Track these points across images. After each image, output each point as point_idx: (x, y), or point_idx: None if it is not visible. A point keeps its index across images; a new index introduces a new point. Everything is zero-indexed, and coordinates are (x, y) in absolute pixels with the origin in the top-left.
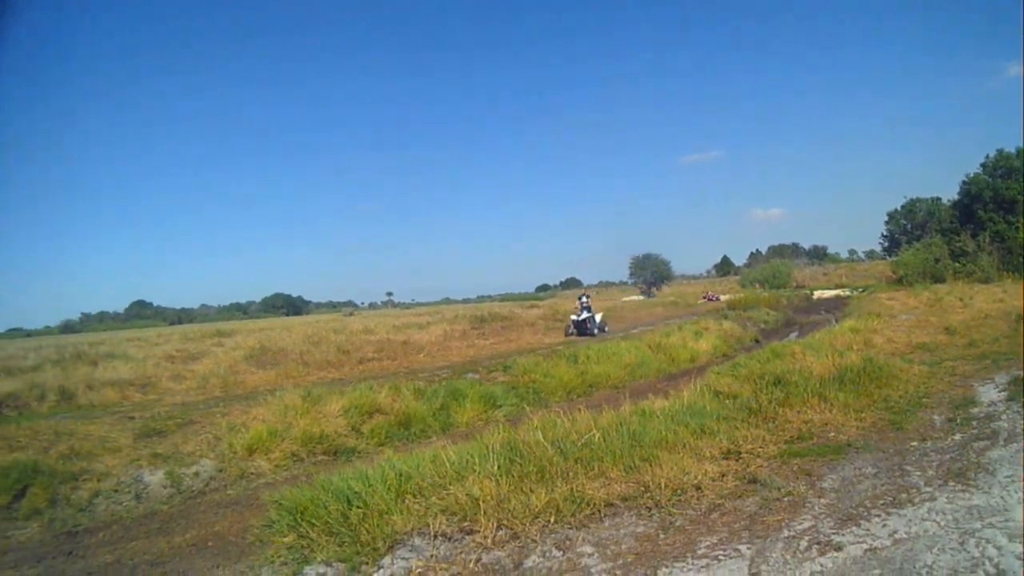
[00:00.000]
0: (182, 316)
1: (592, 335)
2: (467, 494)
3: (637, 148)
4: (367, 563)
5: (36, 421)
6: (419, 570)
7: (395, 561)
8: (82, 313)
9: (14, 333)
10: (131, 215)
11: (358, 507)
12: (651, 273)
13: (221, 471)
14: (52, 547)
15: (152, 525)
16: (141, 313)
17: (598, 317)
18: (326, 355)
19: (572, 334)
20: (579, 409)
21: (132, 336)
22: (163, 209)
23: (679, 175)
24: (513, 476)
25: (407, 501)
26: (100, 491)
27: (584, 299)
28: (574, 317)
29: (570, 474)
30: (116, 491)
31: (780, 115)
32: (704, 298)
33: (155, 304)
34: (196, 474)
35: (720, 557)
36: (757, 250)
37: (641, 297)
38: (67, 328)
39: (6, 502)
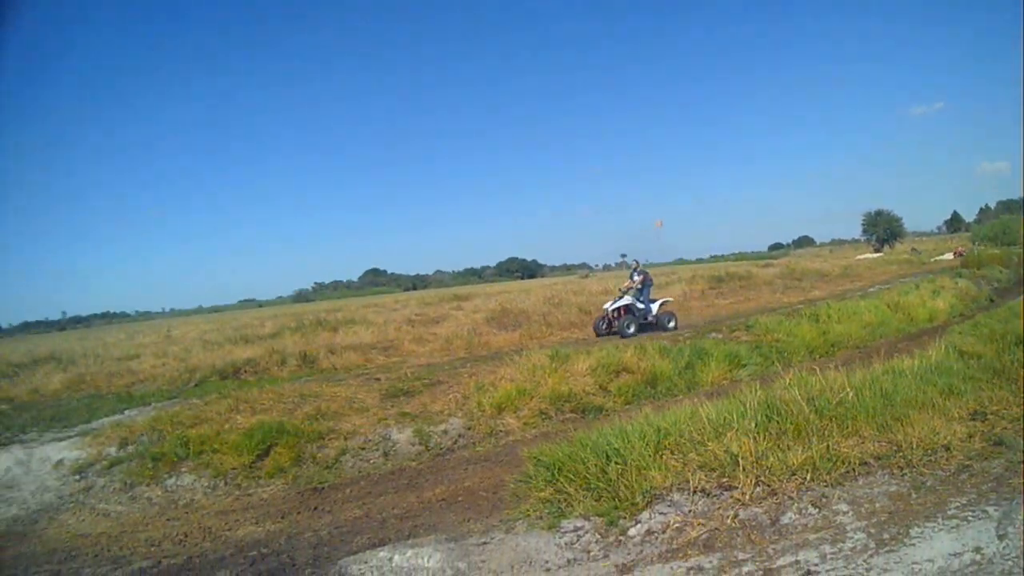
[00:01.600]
0: (417, 282)
1: (627, 335)
2: (725, 450)
3: (863, 101)
4: (625, 517)
5: (280, 384)
6: (677, 525)
7: (653, 516)
8: (315, 283)
9: (247, 304)
10: (366, 187)
11: (616, 462)
12: (883, 230)
13: (470, 429)
14: (297, 503)
15: (400, 481)
16: (375, 280)
17: (655, 306)
18: (567, 316)
19: (604, 332)
20: (828, 368)
21: (368, 303)
22: (398, 180)
23: (905, 129)
24: (770, 433)
25: (665, 457)
26: (347, 449)
27: (636, 275)
28: (608, 304)
29: (825, 432)
30: (363, 449)
31: (1006, 60)
32: (955, 253)
33: (389, 271)
34: (444, 432)
35: (969, 518)
36: (987, 205)
37: (875, 255)
38: (300, 297)
39: (249, 461)
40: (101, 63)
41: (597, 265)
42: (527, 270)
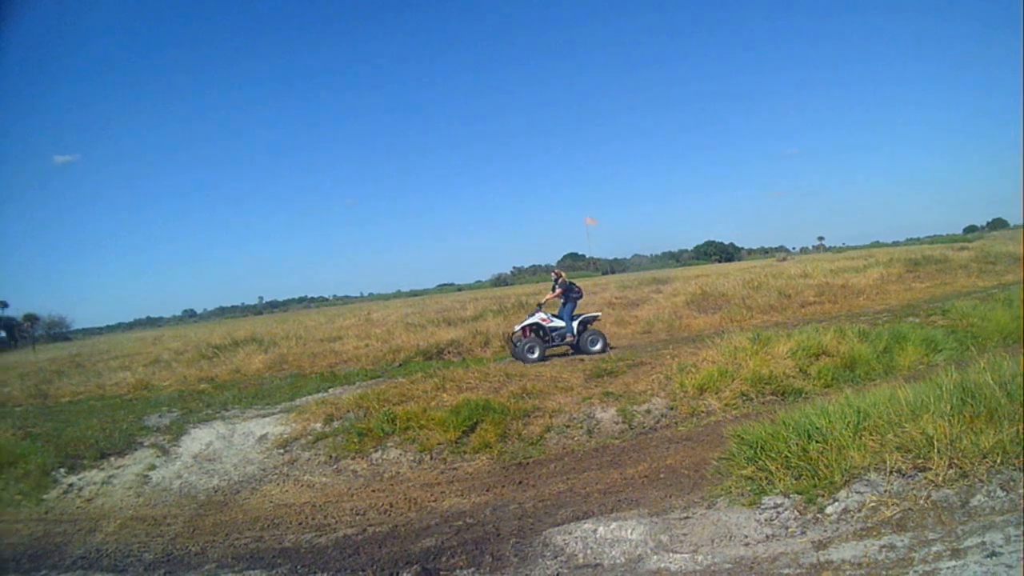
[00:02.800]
0: (615, 266)
1: (528, 360)
2: (921, 432)
3: None
4: (823, 495)
5: (485, 364)
6: (872, 504)
7: (850, 495)
8: (513, 267)
9: (445, 288)
10: (561, 171)
11: (817, 442)
12: None
13: (672, 409)
14: (502, 477)
15: (603, 458)
16: (574, 264)
17: (575, 324)
18: (767, 299)
19: (520, 353)
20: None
21: None
22: (593, 162)
23: None
24: (964, 416)
25: (863, 437)
26: (551, 426)
27: (556, 286)
28: (518, 326)
29: (1015, 416)
30: (567, 426)
31: None
32: None
33: (587, 255)
34: (647, 411)
35: None
36: None
37: None
38: (498, 281)
39: (455, 437)
40: None
41: (794, 248)
42: (724, 253)
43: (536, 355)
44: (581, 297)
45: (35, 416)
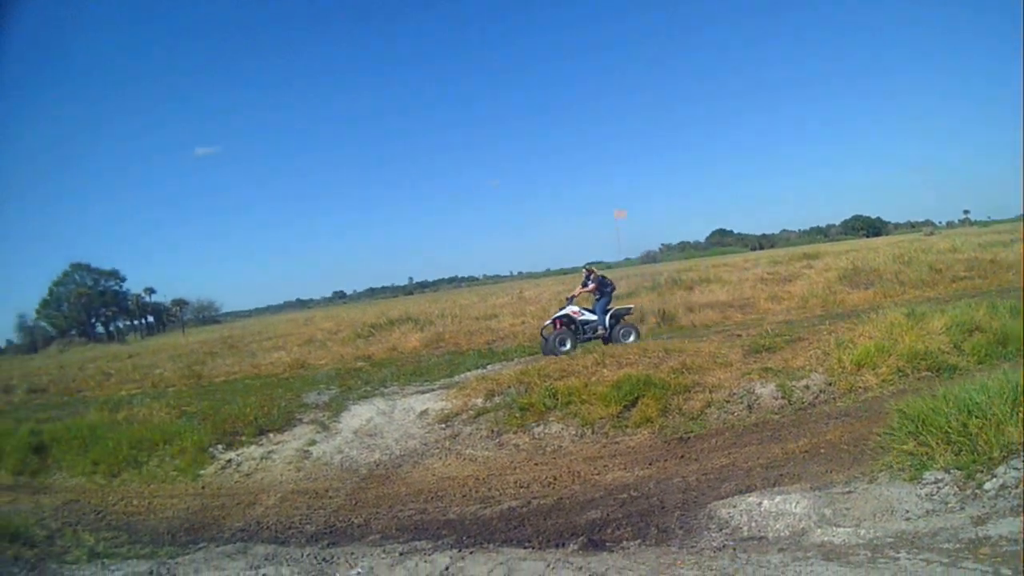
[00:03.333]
0: (763, 241)
1: (559, 353)
2: None
3: None
4: (982, 472)
5: (643, 340)
6: None
7: (1008, 471)
8: (662, 244)
9: (595, 266)
10: (708, 146)
11: (976, 417)
12: None
13: (830, 384)
14: (663, 451)
15: (764, 433)
16: (722, 241)
17: (607, 318)
18: (918, 274)
19: (551, 347)
20: None
21: (717, 262)
22: (738, 138)
23: None
24: None
25: (1021, 413)
26: (712, 402)
27: (588, 282)
28: (548, 320)
29: None
30: (727, 402)
31: None
32: None
33: (735, 231)
34: (806, 387)
35: None
36: None
37: None
38: (647, 259)
39: (616, 411)
40: None
41: (940, 221)
42: (872, 227)
43: (567, 347)
44: (614, 291)
45: (189, 396)
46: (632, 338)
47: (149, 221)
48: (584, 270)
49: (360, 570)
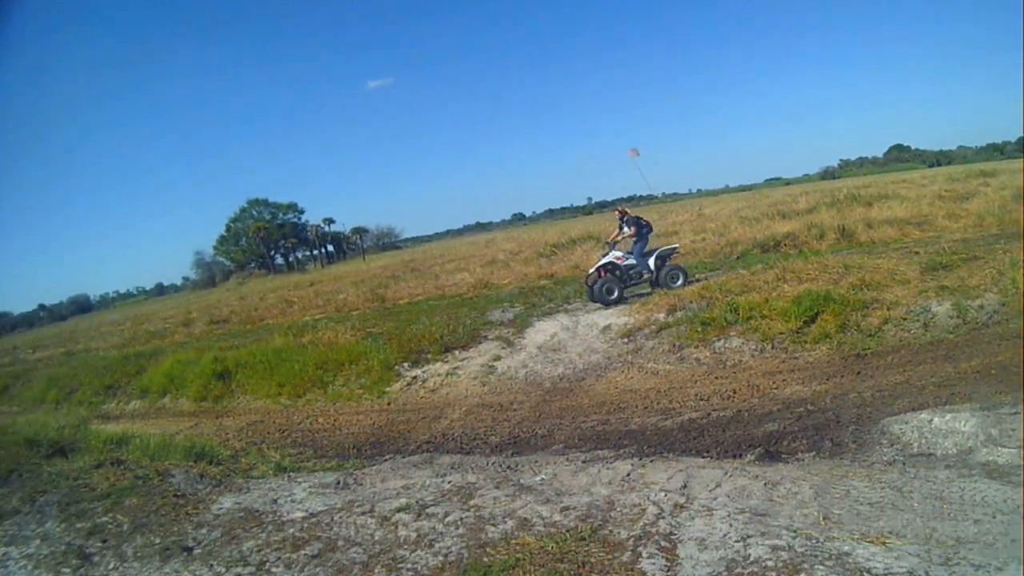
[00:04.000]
0: (940, 158)
1: (607, 302)
2: None
3: None
4: None
5: (822, 256)
6: None
7: None
8: (840, 160)
9: (773, 182)
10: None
11: None
12: None
13: (1004, 305)
14: (840, 367)
15: (938, 352)
16: (899, 157)
17: (651, 260)
18: None
19: (598, 295)
20: None
21: (895, 179)
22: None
23: None
24: None
25: None
26: (889, 319)
27: (625, 226)
28: (592, 267)
29: None
30: (904, 319)
31: None
32: None
33: (913, 147)
34: (980, 307)
35: None
36: None
37: None
38: (826, 175)
39: (796, 327)
40: None
41: None
42: None
43: (615, 295)
44: (651, 231)
45: (374, 318)
46: (680, 281)
47: (326, 154)
48: (617, 212)
49: (544, 477)
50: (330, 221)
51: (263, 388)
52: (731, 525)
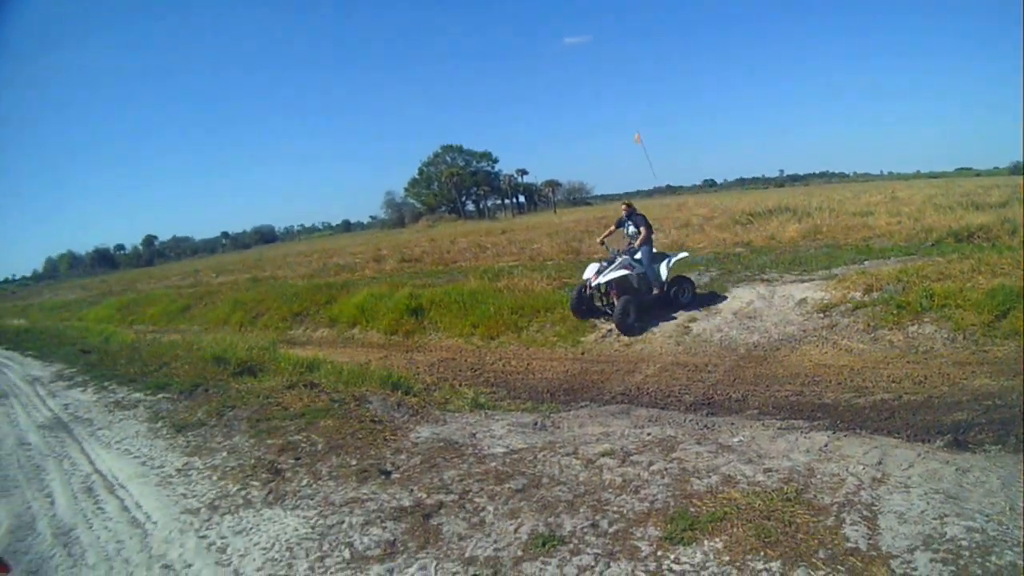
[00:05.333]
0: None
1: (628, 325)
2: None
3: None
4: None
5: (1016, 252)
6: None
7: None
8: None
9: (963, 172)
10: None
11: None
12: None
13: None
14: None
15: None
16: None
17: (663, 268)
18: None
19: (584, 312)
20: None
21: None
22: None
23: None
24: None
25: None
26: None
27: (630, 224)
28: (592, 272)
29: None
30: None
31: None
32: None
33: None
34: None
35: None
36: None
37: None
38: (1016, 170)
39: (988, 320)
40: None
41: None
42: None
43: (633, 317)
44: (653, 233)
45: (569, 269)
46: (688, 296)
47: (521, 107)
48: (624, 207)
49: (742, 438)
50: (523, 172)
51: (456, 327)
52: (928, 503)
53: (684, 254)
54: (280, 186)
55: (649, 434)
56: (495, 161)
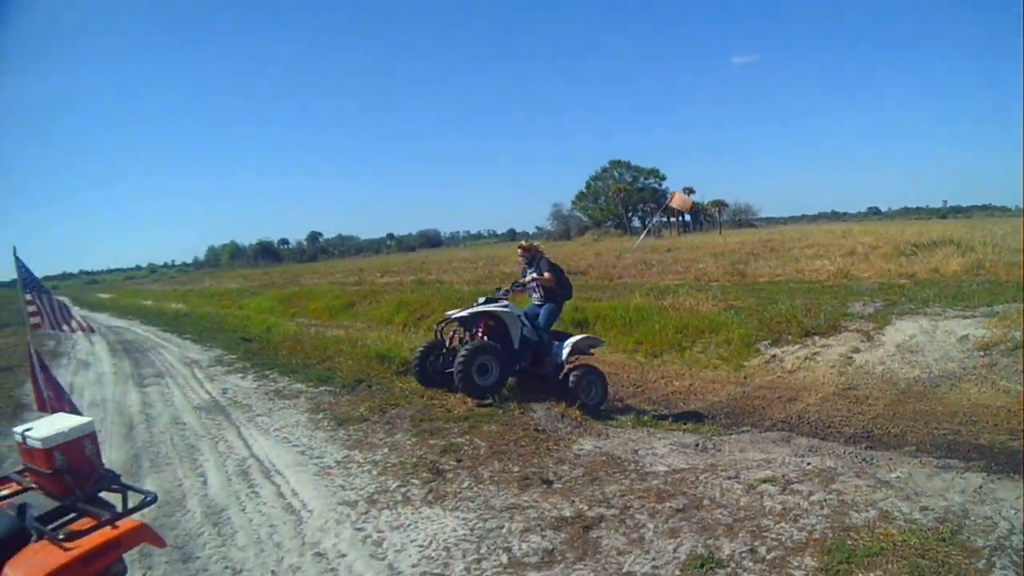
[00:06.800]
0: None
1: (480, 393)
2: None
3: None
4: None
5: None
6: None
7: None
8: None
9: None
10: None
11: None
12: None
13: None
14: None
15: None
16: None
17: (566, 346)
18: None
19: (425, 374)
20: None
21: None
22: None
23: None
24: None
25: None
26: None
27: (539, 262)
28: (455, 312)
29: None
30: None
31: None
32: None
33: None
34: None
35: None
36: None
37: None
38: None
39: None
40: None
41: None
42: None
43: (492, 378)
44: (570, 297)
45: (734, 292)
46: (595, 392)
47: (687, 125)
48: (520, 248)
49: (900, 474)
50: (690, 191)
51: (619, 342)
52: None
53: (599, 340)
54: (446, 192)
55: (809, 464)
56: (662, 178)
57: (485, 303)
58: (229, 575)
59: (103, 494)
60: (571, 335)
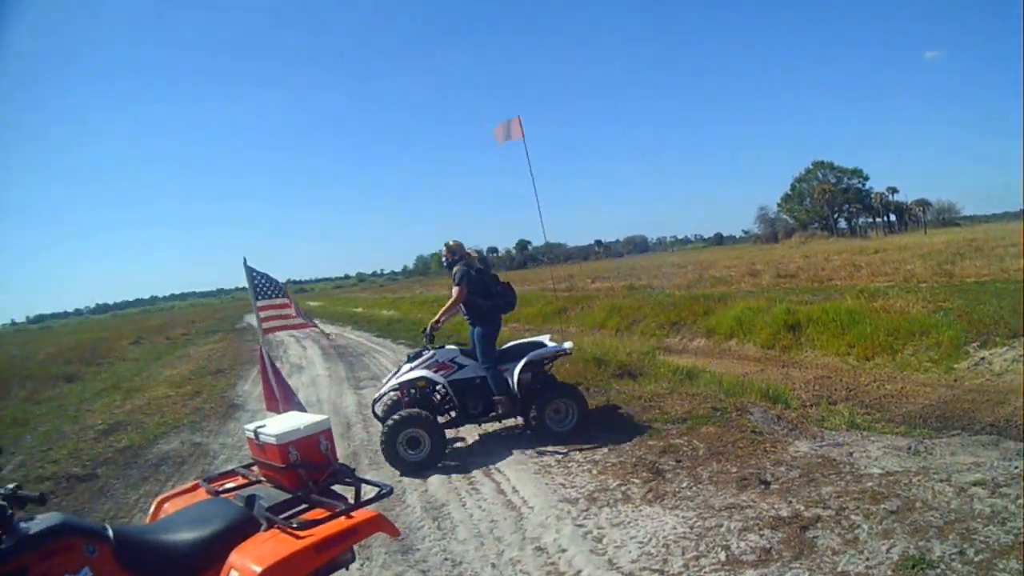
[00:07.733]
0: None
1: (409, 460)
2: None
3: None
4: None
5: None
6: None
7: None
8: None
9: None
10: None
11: None
12: None
13: None
14: None
15: None
16: None
17: (517, 369)
18: None
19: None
20: None
21: None
22: None
23: None
24: None
25: None
26: None
27: (459, 276)
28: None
29: None
30: None
31: None
32: None
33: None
34: None
35: None
36: None
37: None
38: None
39: None
40: None
41: None
42: None
43: (424, 451)
44: (512, 308)
45: (942, 293)
46: (570, 419)
47: (887, 122)
48: (445, 247)
49: None
50: (894, 190)
51: (832, 345)
52: None
53: (567, 345)
54: (653, 198)
55: (1017, 467)
56: (866, 178)
57: (411, 361)
58: (449, 567)
59: (336, 487)
60: (529, 355)
